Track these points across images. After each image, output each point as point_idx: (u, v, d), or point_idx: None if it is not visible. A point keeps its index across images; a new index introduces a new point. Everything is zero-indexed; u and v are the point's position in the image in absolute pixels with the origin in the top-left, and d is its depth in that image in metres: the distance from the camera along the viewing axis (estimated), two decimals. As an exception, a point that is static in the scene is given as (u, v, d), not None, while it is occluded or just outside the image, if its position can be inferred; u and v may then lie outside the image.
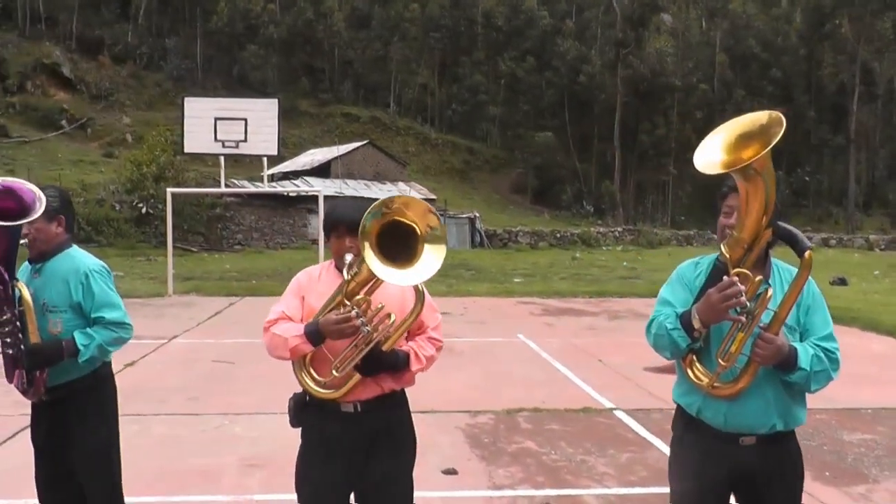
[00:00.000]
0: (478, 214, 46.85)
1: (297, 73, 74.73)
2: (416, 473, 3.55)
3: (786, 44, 78.40)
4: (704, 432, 3.16)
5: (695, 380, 3.10)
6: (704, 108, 73.05)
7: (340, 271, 3.39)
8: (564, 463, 6.37)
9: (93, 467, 3.93)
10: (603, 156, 71.96)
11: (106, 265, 4.06)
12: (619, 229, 51.29)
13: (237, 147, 18.47)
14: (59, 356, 3.74)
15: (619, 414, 7.98)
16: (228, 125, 18.27)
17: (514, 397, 8.51)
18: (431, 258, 3.12)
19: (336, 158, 49.82)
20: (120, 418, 4.12)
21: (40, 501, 4.03)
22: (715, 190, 3.46)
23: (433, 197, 48.87)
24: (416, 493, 3.57)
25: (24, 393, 3.79)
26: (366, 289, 3.25)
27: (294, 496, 3.53)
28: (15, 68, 63.05)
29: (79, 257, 3.97)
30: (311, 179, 45.38)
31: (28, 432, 4.04)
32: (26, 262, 3.84)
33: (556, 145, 70.45)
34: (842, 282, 24.73)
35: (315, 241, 41.96)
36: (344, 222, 3.38)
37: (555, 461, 6.41)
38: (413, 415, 3.59)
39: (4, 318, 3.62)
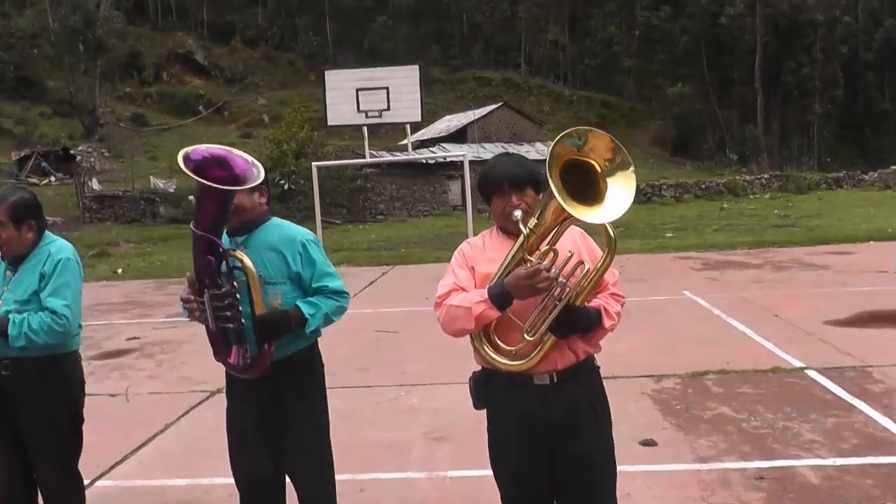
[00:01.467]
0: (617, 169, 45.78)
1: (426, 41, 74.72)
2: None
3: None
4: None
5: None
6: (850, 42, 69.37)
7: (508, 234, 3.13)
8: (768, 430, 5.91)
9: (311, 447, 3.78)
10: (744, 100, 69.13)
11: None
12: (766, 176, 49.27)
13: (380, 116, 18.37)
14: (287, 327, 3.58)
15: (812, 374, 7.42)
16: (370, 95, 18.18)
17: (695, 359, 8.07)
18: (620, 192, 2.82)
19: (472, 123, 49.55)
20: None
21: (241, 490, 3.81)
22: (861, 128, 2.97)
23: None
24: (618, 468, 3.29)
25: (245, 370, 3.58)
26: (548, 239, 2.93)
27: (486, 471, 3.29)
28: (150, 59, 65.32)
29: (288, 227, 3.81)
30: (448, 146, 45.25)
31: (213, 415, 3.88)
32: (224, 236, 3.65)
33: (692, 95, 68.22)
34: None
35: (456, 207, 42.08)
36: (507, 178, 3.08)
37: (756, 428, 5.96)
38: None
39: (224, 290, 3.43)
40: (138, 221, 37.32)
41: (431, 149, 43.27)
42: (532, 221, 2.91)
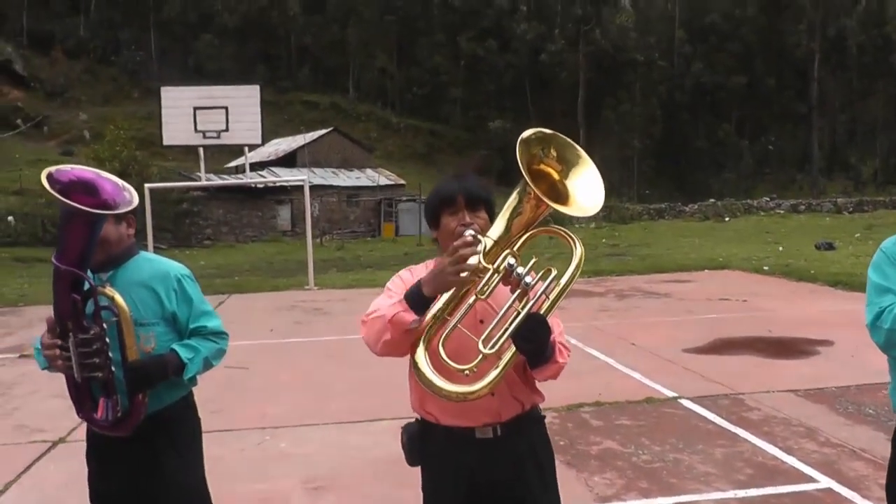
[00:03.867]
0: (448, 198, 46.18)
1: (253, 62, 73.33)
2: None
3: (745, 14, 78.31)
4: None
5: None
6: (666, 83, 73.12)
7: None
8: (660, 464, 5.78)
9: None
10: (567, 134, 70.42)
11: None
12: (590, 206, 50.84)
13: (219, 137, 17.66)
14: (163, 374, 3.12)
15: (686, 403, 7.41)
16: (209, 114, 17.44)
17: (566, 391, 7.80)
18: (587, 187, 2.60)
19: (302, 147, 48.89)
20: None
21: None
22: (677, 163, 2.93)
23: (402, 182, 48.24)
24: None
25: (115, 426, 3.07)
26: (509, 250, 2.53)
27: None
28: (-36, 66, 61.47)
29: (160, 261, 3.35)
30: (277, 170, 44.40)
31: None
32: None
33: (515, 128, 69.82)
34: (829, 246, 24.41)
35: (286, 233, 41.35)
36: (463, 193, 2.70)
37: (648, 462, 5.82)
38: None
39: (92, 333, 2.94)
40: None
41: (261, 173, 42.30)
42: (495, 230, 2.55)
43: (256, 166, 46.88)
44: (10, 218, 36.52)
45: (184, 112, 17.53)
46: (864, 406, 7.16)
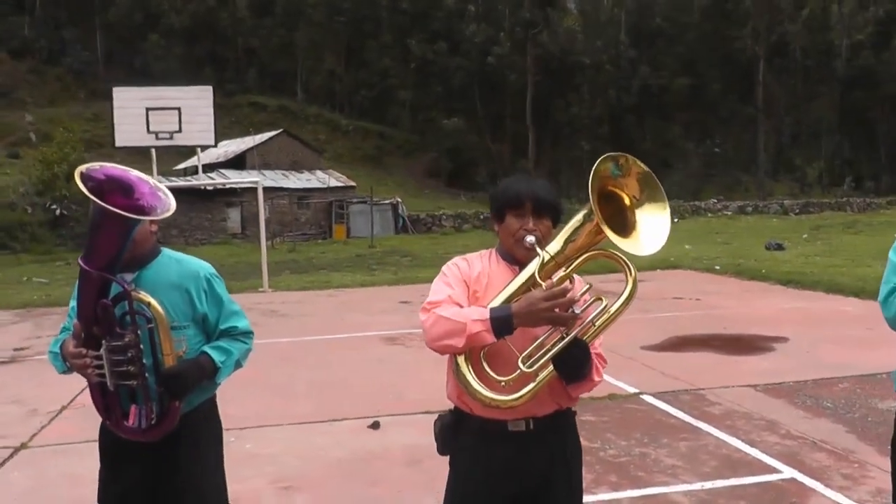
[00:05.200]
0: (399, 200, 46.20)
1: (201, 63, 72.49)
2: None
3: (690, 20, 79.30)
4: None
5: None
6: (613, 85, 73.78)
7: (511, 261, 2.79)
8: (627, 458, 5.87)
9: None
10: (516, 136, 71.98)
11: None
12: (541, 208, 51.20)
13: (171, 138, 17.45)
14: (200, 379, 3.07)
15: (648, 398, 7.53)
16: (161, 115, 17.22)
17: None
18: (654, 226, 2.63)
19: (252, 149, 48.49)
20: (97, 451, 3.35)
21: None
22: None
23: (353, 184, 48.05)
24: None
25: (146, 433, 2.98)
26: (566, 268, 2.64)
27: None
28: None
29: (187, 260, 3.24)
30: (227, 171, 43.94)
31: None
32: None
33: (466, 129, 70.07)
34: (778, 247, 24.87)
35: (236, 236, 40.94)
36: (532, 198, 2.73)
37: (615, 457, 5.90)
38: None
39: (127, 340, 2.85)
40: None
41: (210, 175, 41.89)
42: (553, 246, 2.61)
43: (206, 168, 46.29)
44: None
45: (135, 113, 17.28)
46: (822, 399, 7.31)
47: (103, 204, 2.66)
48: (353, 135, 73.53)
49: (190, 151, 40.83)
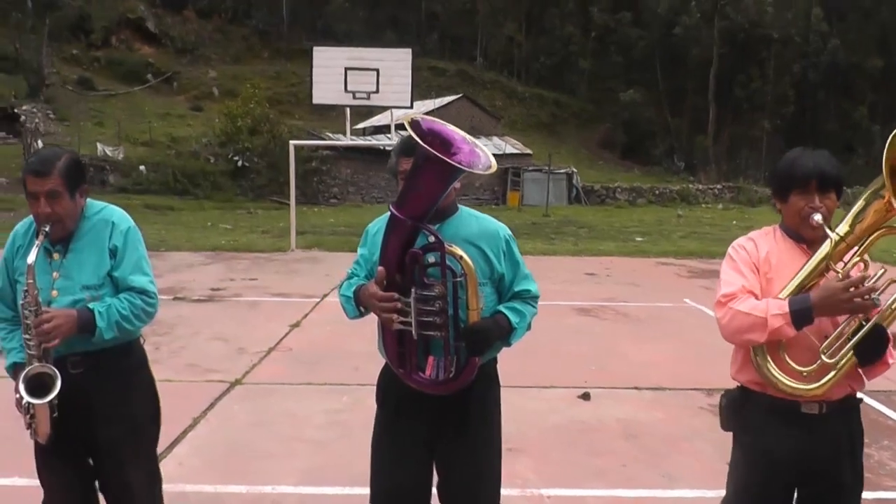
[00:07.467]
0: (575, 170, 45.79)
1: (382, 26, 73.68)
2: None
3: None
4: None
5: None
6: (801, 61, 70.43)
7: (797, 240, 2.74)
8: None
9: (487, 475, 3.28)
10: (695, 110, 69.85)
11: None
12: (719, 186, 49.81)
13: (368, 98, 17.87)
14: (497, 339, 3.05)
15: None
16: (359, 75, 17.61)
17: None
18: None
19: (431, 112, 48.96)
20: (324, 388, 3.28)
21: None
22: (806, 146, 2.80)
23: (529, 152, 47.88)
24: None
25: (441, 385, 2.98)
26: (857, 249, 2.59)
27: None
28: (100, 23, 63.38)
29: (485, 219, 3.25)
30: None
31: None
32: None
33: (644, 101, 68.55)
34: None
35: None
36: (817, 175, 2.65)
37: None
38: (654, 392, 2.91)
39: (436, 291, 2.85)
40: (86, 188, 36.12)
41: (388, 135, 42.57)
42: (842, 227, 2.45)
43: (384, 129, 47.36)
44: (142, 167, 37.72)
45: (335, 72, 17.69)
46: None
47: (435, 152, 2.63)
48: (529, 101, 73.18)
49: (369, 112, 41.68)
